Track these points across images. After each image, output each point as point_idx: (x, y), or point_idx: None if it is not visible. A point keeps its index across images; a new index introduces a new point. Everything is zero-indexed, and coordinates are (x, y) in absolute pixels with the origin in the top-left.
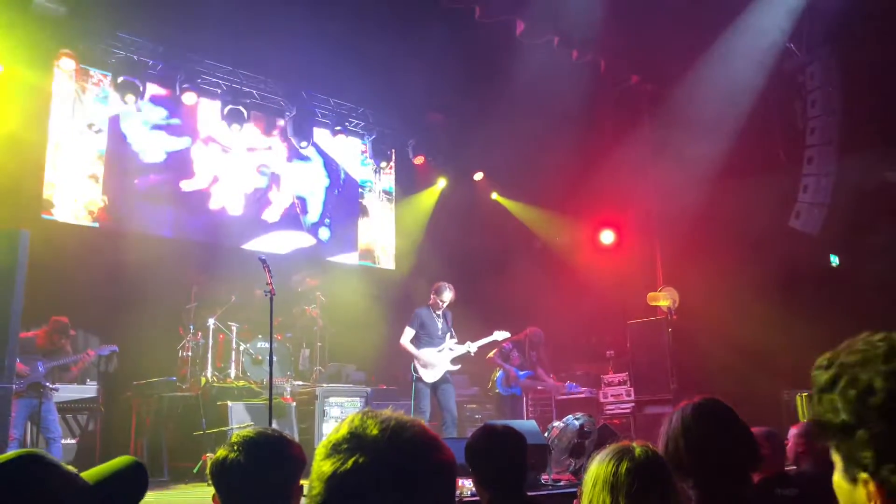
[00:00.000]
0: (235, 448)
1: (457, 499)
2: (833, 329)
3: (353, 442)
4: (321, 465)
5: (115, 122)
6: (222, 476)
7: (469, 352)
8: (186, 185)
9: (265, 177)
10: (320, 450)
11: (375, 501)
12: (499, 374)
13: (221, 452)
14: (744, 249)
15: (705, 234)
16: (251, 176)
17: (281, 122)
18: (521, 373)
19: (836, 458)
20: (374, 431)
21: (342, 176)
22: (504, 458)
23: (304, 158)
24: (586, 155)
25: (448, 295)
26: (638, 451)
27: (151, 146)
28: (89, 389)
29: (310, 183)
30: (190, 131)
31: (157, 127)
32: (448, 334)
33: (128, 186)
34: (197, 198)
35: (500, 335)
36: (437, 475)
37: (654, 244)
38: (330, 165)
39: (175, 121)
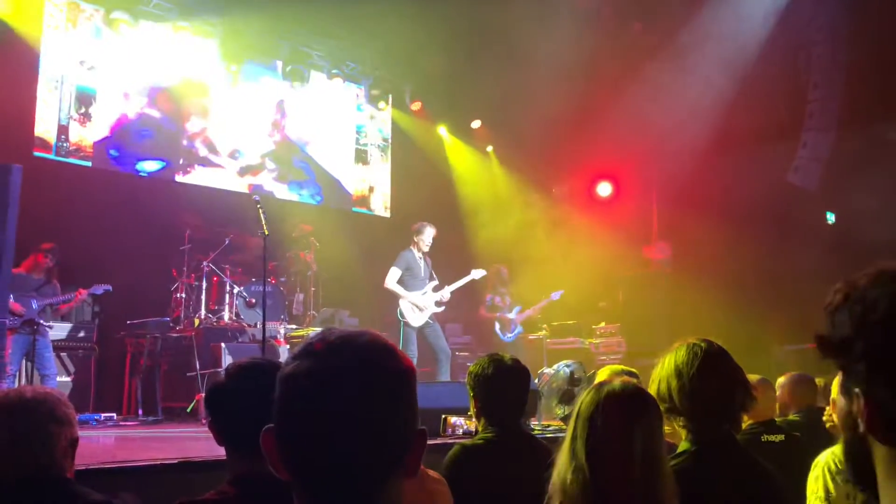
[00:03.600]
0: (229, 374)
1: (448, 434)
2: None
3: (308, 348)
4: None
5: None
6: (216, 401)
7: (447, 295)
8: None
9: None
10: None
11: (317, 400)
12: (495, 325)
13: (217, 381)
14: (741, 204)
15: (703, 189)
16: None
17: (277, 92)
18: (511, 313)
19: (839, 377)
20: (329, 339)
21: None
22: (506, 387)
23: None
24: (586, 105)
25: (430, 232)
26: (617, 383)
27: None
28: (84, 328)
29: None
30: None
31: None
32: (430, 275)
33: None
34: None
35: (477, 273)
36: (385, 378)
37: (651, 197)
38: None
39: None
